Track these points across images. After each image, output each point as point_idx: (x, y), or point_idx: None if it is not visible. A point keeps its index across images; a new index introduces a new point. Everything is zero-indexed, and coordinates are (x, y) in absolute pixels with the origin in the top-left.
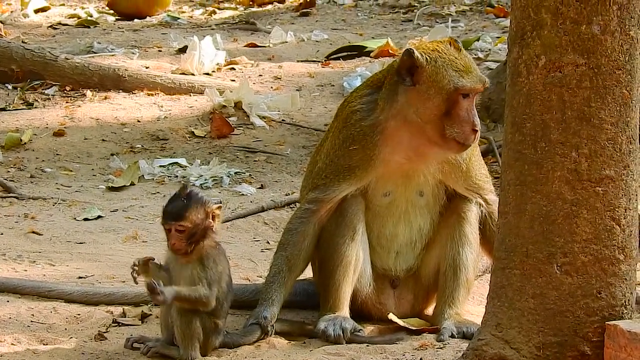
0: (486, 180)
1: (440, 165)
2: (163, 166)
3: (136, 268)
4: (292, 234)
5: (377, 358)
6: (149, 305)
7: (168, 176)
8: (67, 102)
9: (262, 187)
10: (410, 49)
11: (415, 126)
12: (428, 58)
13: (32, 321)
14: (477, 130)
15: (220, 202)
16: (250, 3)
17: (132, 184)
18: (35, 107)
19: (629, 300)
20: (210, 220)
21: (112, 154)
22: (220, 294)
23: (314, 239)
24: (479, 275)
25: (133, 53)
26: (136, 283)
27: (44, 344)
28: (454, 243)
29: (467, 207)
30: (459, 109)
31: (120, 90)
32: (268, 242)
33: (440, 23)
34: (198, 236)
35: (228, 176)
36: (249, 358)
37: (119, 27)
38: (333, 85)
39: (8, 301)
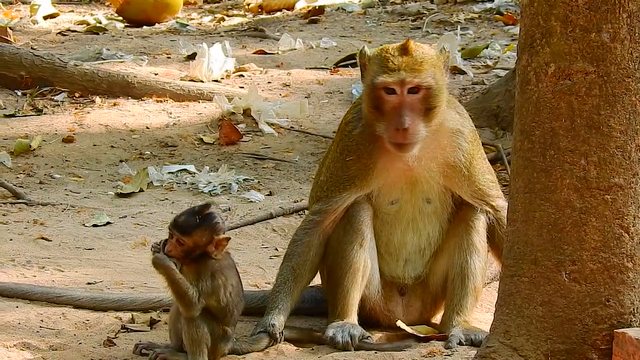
0: (492, 186)
1: (442, 170)
2: (172, 173)
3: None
4: (297, 244)
5: None
6: (158, 312)
7: (177, 183)
8: (76, 109)
9: (270, 194)
10: (363, 47)
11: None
12: (370, 55)
13: (41, 326)
14: (400, 130)
15: (229, 236)
16: (259, 10)
17: (141, 190)
18: (44, 114)
19: (637, 308)
20: (213, 248)
21: (121, 161)
22: (224, 303)
23: (320, 249)
24: (488, 283)
25: (142, 60)
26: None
27: (52, 350)
28: (462, 251)
29: (475, 215)
30: (384, 106)
31: (129, 97)
32: (276, 249)
33: (449, 30)
34: (195, 255)
35: (237, 183)
36: None
37: (127, 34)
38: (342, 93)
39: (17, 307)
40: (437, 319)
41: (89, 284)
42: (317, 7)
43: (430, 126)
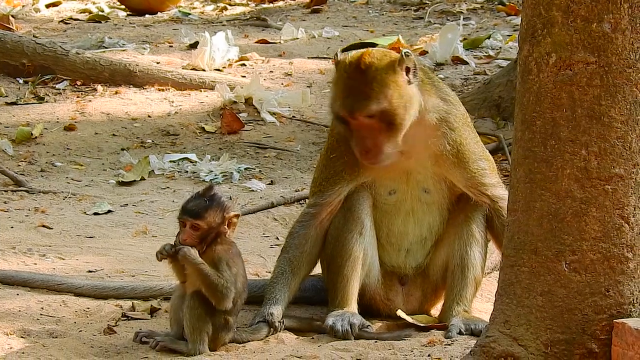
0: (486, 174)
1: (433, 159)
2: (173, 161)
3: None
4: (294, 237)
5: (385, 354)
6: (158, 300)
7: (178, 171)
8: (78, 97)
9: (271, 183)
10: (336, 52)
11: None
12: (335, 66)
13: (41, 314)
14: (364, 152)
15: (238, 212)
16: None
17: (142, 178)
18: (46, 102)
19: (637, 298)
20: (226, 227)
21: (122, 149)
22: (235, 293)
23: (317, 241)
24: (488, 273)
25: (144, 48)
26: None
27: (53, 337)
28: (461, 242)
29: (475, 205)
30: (346, 128)
31: (131, 86)
32: (277, 238)
33: (452, 21)
34: (210, 239)
35: (238, 172)
36: (258, 353)
37: (130, 23)
38: None
39: (18, 294)
40: (437, 308)
41: (89, 271)
42: None
43: (397, 139)
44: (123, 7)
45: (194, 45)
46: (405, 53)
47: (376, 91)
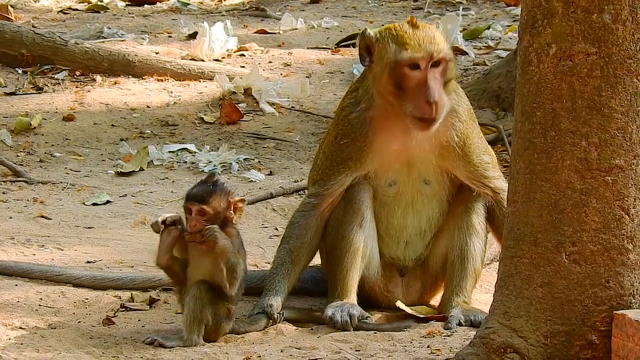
0: (488, 168)
1: (437, 150)
2: (172, 152)
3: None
4: (294, 227)
5: (384, 345)
6: (157, 291)
7: (177, 162)
8: (76, 87)
9: (270, 173)
10: (365, 28)
11: (386, 107)
12: (378, 36)
13: (40, 305)
14: (431, 103)
15: (243, 197)
16: None
17: (141, 169)
18: (44, 92)
19: (637, 289)
20: (232, 212)
21: (121, 139)
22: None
23: (317, 231)
24: (487, 264)
25: (143, 38)
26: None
27: (51, 328)
28: (461, 233)
29: (475, 197)
30: (409, 82)
31: (130, 76)
32: (276, 229)
33: (451, 11)
34: (219, 224)
35: (237, 162)
36: (257, 344)
37: (129, 13)
38: (343, 73)
39: (16, 285)
40: (436, 300)
41: (88, 262)
42: None
43: (447, 100)
44: None
45: (193, 36)
46: (438, 24)
47: (440, 41)
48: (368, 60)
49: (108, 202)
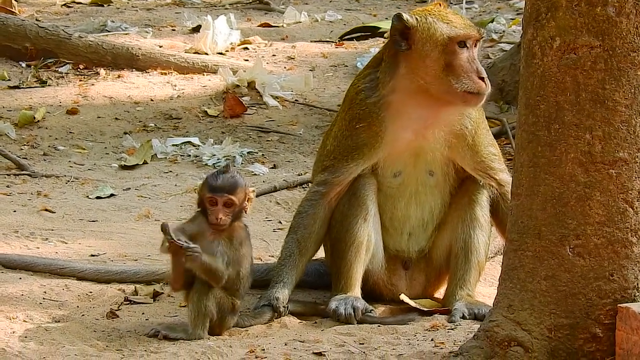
0: (494, 159)
1: (447, 139)
2: (176, 145)
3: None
4: (302, 216)
5: (388, 338)
6: (161, 284)
7: (181, 155)
8: (80, 81)
9: (274, 167)
10: (399, 13)
11: (422, 92)
12: (417, 18)
13: (44, 298)
14: (484, 78)
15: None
16: None
17: (145, 162)
18: (48, 85)
19: None
20: (246, 203)
21: (125, 133)
22: (242, 275)
23: (325, 221)
24: (491, 257)
25: (147, 32)
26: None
27: (55, 321)
28: (465, 225)
29: (479, 189)
30: (460, 59)
31: (134, 69)
32: (280, 222)
33: (455, 4)
34: (236, 215)
35: (241, 156)
36: (261, 337)
37: (132, 6)
38: (346, 66)
39: (20, 278)
40: (440, 293)
41: (92, 255)
42: None
43: None
44: None
45: (196, 29)
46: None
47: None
48: (405, 45)
49: (112, 195)
